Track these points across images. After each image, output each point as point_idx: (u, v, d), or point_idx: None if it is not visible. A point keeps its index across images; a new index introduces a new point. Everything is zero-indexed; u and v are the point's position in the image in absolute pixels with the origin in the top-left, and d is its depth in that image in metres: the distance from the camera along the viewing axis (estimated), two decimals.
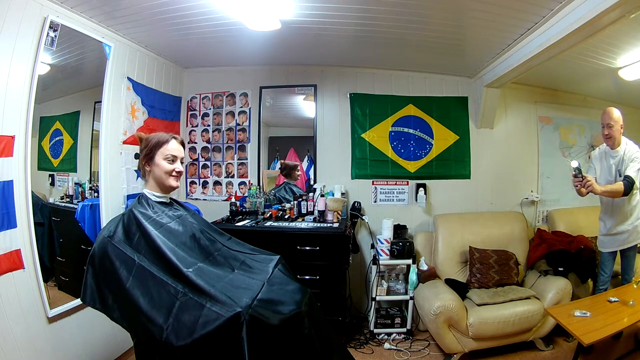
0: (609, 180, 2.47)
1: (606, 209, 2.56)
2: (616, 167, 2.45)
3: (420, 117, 3.30)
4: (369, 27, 2.35)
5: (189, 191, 3.46)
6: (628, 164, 2.38)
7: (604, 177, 2.52)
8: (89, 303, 1.25)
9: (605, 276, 2.56)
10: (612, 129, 2.41)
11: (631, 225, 2.44)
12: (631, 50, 2.53)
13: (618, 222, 2.47)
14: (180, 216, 1.53)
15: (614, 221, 2.48)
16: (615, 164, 2.46)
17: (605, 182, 2.47)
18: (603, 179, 2.51)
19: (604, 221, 2.57)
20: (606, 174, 2.52)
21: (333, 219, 2.87)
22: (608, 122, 2.41)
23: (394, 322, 2.87)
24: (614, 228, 2.49)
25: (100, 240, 1.27)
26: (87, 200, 2.30)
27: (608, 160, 2.52)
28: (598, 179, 2.52)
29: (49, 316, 1.93)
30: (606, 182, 2.46)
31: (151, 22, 2.28)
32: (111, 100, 2.41)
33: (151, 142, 1.47)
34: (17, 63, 1.77)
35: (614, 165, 2.47)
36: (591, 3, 1.67)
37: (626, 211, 2.46)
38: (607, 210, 2.55)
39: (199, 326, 1.14)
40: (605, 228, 2.55)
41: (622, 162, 2.42)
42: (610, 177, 2.48)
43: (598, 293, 2.53)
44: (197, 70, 3.38)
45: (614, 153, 2.48)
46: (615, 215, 2.48)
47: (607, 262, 2.56)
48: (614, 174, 2.47)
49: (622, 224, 2.46)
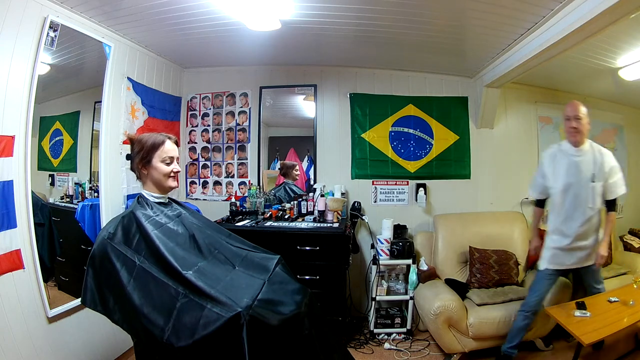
0: (571, 182, 2.18)
1: (567, 218, 2.20)
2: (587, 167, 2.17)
3: (420, 117, 3.30)
4: (369, 27, 2.35)
5: (189, 191, 3.46)
6: (610, 174, 2.16)
7: (563, 178, 2.21)
8: (89, 305, 1.24)
9: (534, 299, 2.25)
10: (581, 123, 2.16)
11: (595, 240, 2.22)
12: (631, 50, 2.53)
13: (582, 235, 2.18)
14: (180, 215, 1.53)
15: (577, 233, 2.17)
16: (583, 164, 2.18)
17: (565, 184, 2.19)
18: (561, 181, 2.21)
19: (561, 233, 2.22)
20: (565, 175, 2.20)
21: (333, 219, 2.87)
22: (576, 115, 2.16)
23: (394, 322, 2.87)
24: (575, 241, 2.19)
25: (100, 242, 1.27)
26: (87, 200, 2.30)
27: (567, 158, 2.22)
28: (552, 183, 2.26)
29: (49, 316, 1.93)
30: (566, 184, 2.19)
31: (151, 22, 2.28)
32: (111, 100, 2.41)
33: (146, 145, 1.45)
34: (17, 63, 1.77)
35: (581, 166, 2.17)
36: (591, 3, 1.67)
37: (594, 224, 2.20)
38: (569, 220, 2.20)
39: (199, 327, 1.14)
40: (563, 240, 2.21)
41: (597, 165, 2.17)
42: (573, 179, 2.18)
43: (520, 322, 2.26)
44: (197, 70, 3.38)
45: (577, 152, 2.20)
46: (580, 227, 2.17)
47: (545, 282, 2.26)
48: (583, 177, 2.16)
49: (587, 238, 2.19)
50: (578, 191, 2.18)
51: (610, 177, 2.19)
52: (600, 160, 2.19)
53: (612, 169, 2.20)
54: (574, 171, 2.19)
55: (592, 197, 2.17)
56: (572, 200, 2.19)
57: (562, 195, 2.22)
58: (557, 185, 2.24)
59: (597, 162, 2.18)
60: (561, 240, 2.22)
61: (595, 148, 2.22)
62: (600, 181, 2.17)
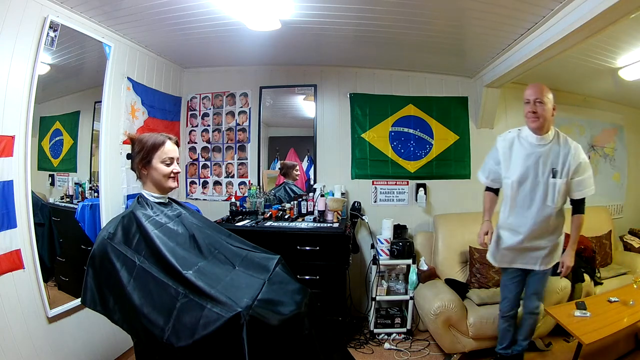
0: (527, 175, 1.93)
1: (520, 214, 1.98)
2: (548, 160, 1.90)
3: (420, 117, 3.30)
4: (369, 27, 2.35)
5: (189, 191, 3.46)
6: (577, 170, 1.89)
7: (519, 169, 1.95)
8: (89, 305, 1.24)
9: (506, 304, 2.16)
10: (544, 107, 1.87)
11: (552, 241, 1.98)
12: (631, 50, 2.53)
13: (536, 235, 1.96)
14: (180, 215, 1.53)
15: (530, 231, 1.95)
16: (544, 156, 1.91)
17: (520, 175, 1.94)
18: (516, 172, 1.96)
19: (512, 229, 2.01)
20: (522, 166, 1.94)
21: (333, 219, 2.87)
22: (537, 97, 1.87)
23: (394, 322, 2.87)
24: (528, 240, 1.97)
25: (100, 242, 1.27)
26: (87, 200, 2.30)
27: (526, 147, 1.96)
28: (505, 172, 2.02)
29: (49, 316, 1.93)
30: (521, 176, 1.93)
31: (151, 22, 2.28)
32: (111, 100, 2.41)
33: (147, 146, 1.45)
34: (17, 63, 1.77)
35: (542, 158, 1.91)
36: (591, 3, 1.67)
37: (552, 224, 1.97)
38: (521, 216, 1.98)
39: (199, 327, 1.14)
40: (513, 238, 2.00)
41: (561, 159, 1.89)
42: (531, 172, 1.92)
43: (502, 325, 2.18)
44: (197, 70, 3.38)
45: (539, 141, 1.92)
46: (535, 225, 1.95)
47: (510, 285, 2.12)
48: (542, 171, 1.91)
49: (542, 238, 1.97)
50: (535, 186, 1.93)
51: (577, 174, 1.91)
52: (566, 153, 1.90)
53: (581, 164, 1.91)
54: (532, 163, 1.92)
55: (551, 195, 1.91)
56: (527, 195, 1.94)
57: (516, 188, 1.97)
58: (511, 176, 1.98)
59: (561, 156, 1.89)
60: (511, 237, 2.01)
61: (562, 138, 1.94)
62: (563, 177, 1.89)
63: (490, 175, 2.16)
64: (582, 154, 1.92)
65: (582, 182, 1.93)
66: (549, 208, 1.92)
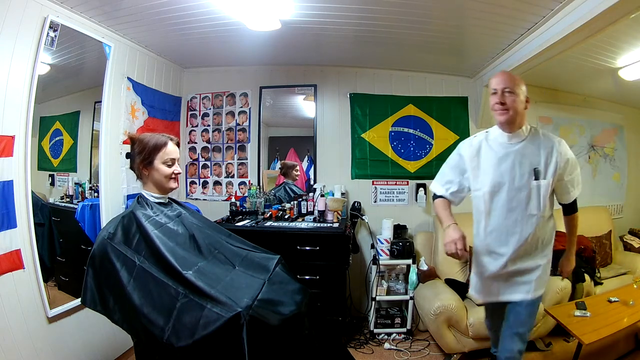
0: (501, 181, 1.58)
1: (498, 231, 1.62)
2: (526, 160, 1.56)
3: (420, 117, 3.30)
4: (369, 27, 2.35)
5: (189, 191, 3.46)
6: (565, 166, 1.55)
7: (490, 177, 1.60)
8: (89, 305, 1.24)
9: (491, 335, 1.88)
10: (515, 99, 1.52)
11: (543, 259, 1.61)
12: (631, 50, 2.53)
13: (522, 254, 1.59)
14: (180, 215, 1.53)
15: (514, 251, 1.58)
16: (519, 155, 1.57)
17: (493, 184, 1.59)
18: (488, 181, 1.61)
19: (491, 251, 1.64)
20: (494, 172, 1.60)
21: (333, 219, 2.87)
22: (506, 86, 1.52)
23: (394, 322, 2.87)
24: (512, 263, 1.59)
25: (100, 242, 1.27)
26: (87, 200, 2.30)
27: (496, 149, 1.62)
28: (474, 184, 1.68)
29: (49, 316, 1.93)
30: (495, 185, 1.59)
31: (151, 22, 2.28)
32: (111, 100, 2.41)
33: (148, 146, 1.45)
34: (17, 63, 1.77)
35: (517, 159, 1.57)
36: (591, 3, 1.67)
37: (540, 237, 1.60)
38: (500, 233, 1.61)
39: (199, 327, 1.14)
40: (494, 263, 1.63)
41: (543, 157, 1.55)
42: (506, 177, 1.57)
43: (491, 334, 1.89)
44: (197, 70, 3.38)
45: (511, 139, 1.59)
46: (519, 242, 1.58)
47: (498, 322, 1.74)
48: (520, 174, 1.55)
49: (530, 257, 1.60)
50: (513, 193, 1.57)
51: (567, 172, 1.58)
52: (549, 148, 1.56)
53: (570, 160, 1.57)
54: (507, 167, 1.57)
55: (536, 201, 1.56)
56: (504, 206, 1.59)
57: (489, 200, 1.61)
58: (482, 187, 1.64)
59: (543, 152, 1.56)
60: (492, 262, 1.64)
61: (541, 133, 1.61)
62: (548, 177, 1.55)
63: (451, 187, 1.78)
64: (568, 148, 1.59)
65: (573, 182, 1.61)
66: (535, 217, 1.57)
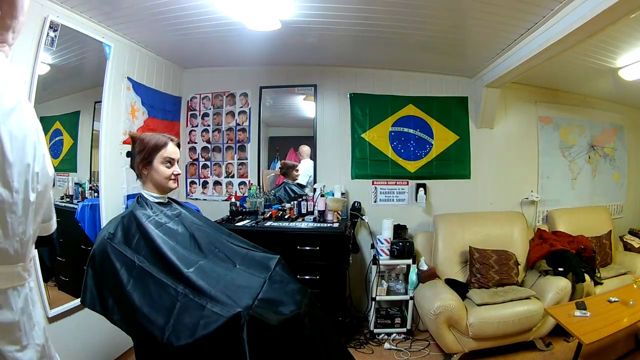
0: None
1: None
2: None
3: (420, 117, 3.30)
4: (369, 27, 2.35)
5: (189, 191, 3.45)
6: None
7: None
8: (89, 305, 1.24)
9: None
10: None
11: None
12: (631, 50, 2.53)
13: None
14: (179, 214, 1.53)
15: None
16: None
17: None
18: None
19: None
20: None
21: (333, 219, 2.87)
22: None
23: (394, 322, 2.87)
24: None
25: (100, 242, 1.27)
26: (87, 200, 2.30)
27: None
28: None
29: (49, 316, 1.93)
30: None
31: (151, 22, 2.28)
32: (111, 100, 2.41)
33: (149, 146, 1.45)
34: (17, 63, 1.77)
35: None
36: (591, 3, 1.67)
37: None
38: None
39: (199, 327, 1.14)
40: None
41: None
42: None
43: None
44: (197, 70, 3.38)
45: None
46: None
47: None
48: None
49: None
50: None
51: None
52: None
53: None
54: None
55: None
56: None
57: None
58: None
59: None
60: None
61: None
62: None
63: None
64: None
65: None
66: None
